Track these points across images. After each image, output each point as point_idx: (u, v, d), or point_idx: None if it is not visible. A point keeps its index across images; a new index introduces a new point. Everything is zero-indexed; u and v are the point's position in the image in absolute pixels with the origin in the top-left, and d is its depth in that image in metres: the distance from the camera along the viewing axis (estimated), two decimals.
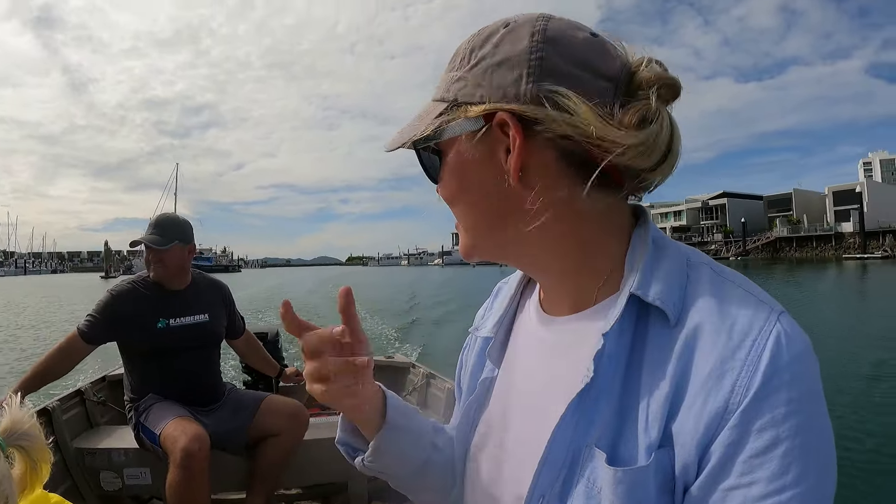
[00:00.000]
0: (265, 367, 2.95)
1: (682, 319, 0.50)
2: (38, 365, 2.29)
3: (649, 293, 0.52)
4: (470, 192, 0.58)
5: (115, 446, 2.44)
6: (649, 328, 0.52)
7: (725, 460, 0.45)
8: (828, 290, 21.78)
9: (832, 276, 29.05)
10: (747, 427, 0.45)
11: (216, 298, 2.63)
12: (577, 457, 0.52)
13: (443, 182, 0.60)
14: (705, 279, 0.53)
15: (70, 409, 2.65)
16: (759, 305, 0.50)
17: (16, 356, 10.14)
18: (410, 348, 9.72)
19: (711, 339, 0.48)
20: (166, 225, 2.48)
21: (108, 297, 2.40)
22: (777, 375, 0.45)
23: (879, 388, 6.39)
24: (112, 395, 2.97)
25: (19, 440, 0.75)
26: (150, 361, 2.40)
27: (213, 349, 2.60)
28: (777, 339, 0.47)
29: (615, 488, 0.48)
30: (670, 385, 0.49)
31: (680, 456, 0.47)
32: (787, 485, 0.44)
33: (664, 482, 0.48)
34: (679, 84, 0.53)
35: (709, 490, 0.46)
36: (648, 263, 0.54)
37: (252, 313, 16.30)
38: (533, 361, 0.63)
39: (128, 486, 2.41)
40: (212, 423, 2.32)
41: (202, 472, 2.05)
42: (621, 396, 0.51)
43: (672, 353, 0.50)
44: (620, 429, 0.51)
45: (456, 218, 0.62)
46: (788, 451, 0.44)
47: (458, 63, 0.57)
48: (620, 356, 0.52)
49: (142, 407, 2.32)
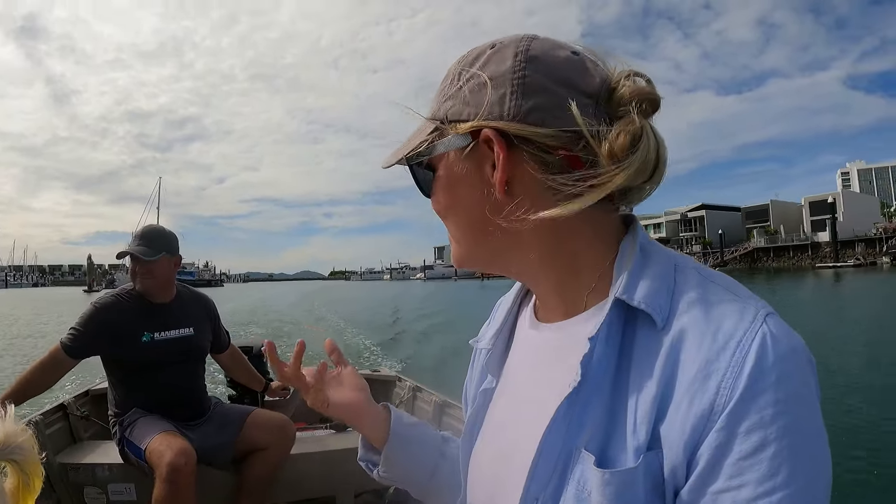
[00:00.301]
0: (251, 381, 2.92)
1: (670, 322, 0.51)
2: (20, 380, 2.23)
3: (635, 297, 0.52)
4: (459, 204, 0.61)
5: (100, 461, 2.40)
6: (637, 332, 0.53)
7: (714, 463, 0.46)
8: (803, 298, 22.40)
9: (807, 285, 29.74)
10: (734, 429, 0.45)
11: (201, 312, 2.61)
12: (568, 459, 0.53)
13: (435, 196, 0.63)
14: (693, 283, 0.53)
15: (53, 424, 2.60)
16: (746, 307, 0.50)
17: (19, 361, 10.48)
18: (395, 362, 9.66)
19: (697, 341, 0.49)
20: (153, 236, 2.46)
21: (92, 309, 2.36)
22: (763, 377, 0.45)
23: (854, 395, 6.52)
24: (96, 409, 2.92)
25: (13, 454, 0.75)
26: (135, 375, 2.37)
27: (199, 363, 2.57)
28: (762, 340, 0.47)
29: (604, 490, 0.49)
30: (658, 387, 0.49)
31: (668, 458, 0.48)
32: (777, 486, 0.44)
33: (654, 484, 0.48)
34: (658, 97, 0.55)
35: (698, 494, 0.46)
36: (635, 269, 0.55)
37: (236, 326, 16.14)
38: (528, 368, 0.65)
39: (112, 501, 2.36)
40: (197, 437, 2.30)
41: (188, 486, 2.02)
42: (610, 399, 0.52)
43: (659, 355, 0.50)
44: (610, 431, 0.51)
45: (448, 230, 0.65)
46: (777, 452, 0.44)
47: (447, 84, 0.61)
48: (609, 359, 0.53)
49: (126, 421, 2.29)
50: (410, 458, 0.82)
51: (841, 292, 26.22)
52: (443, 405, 2.75)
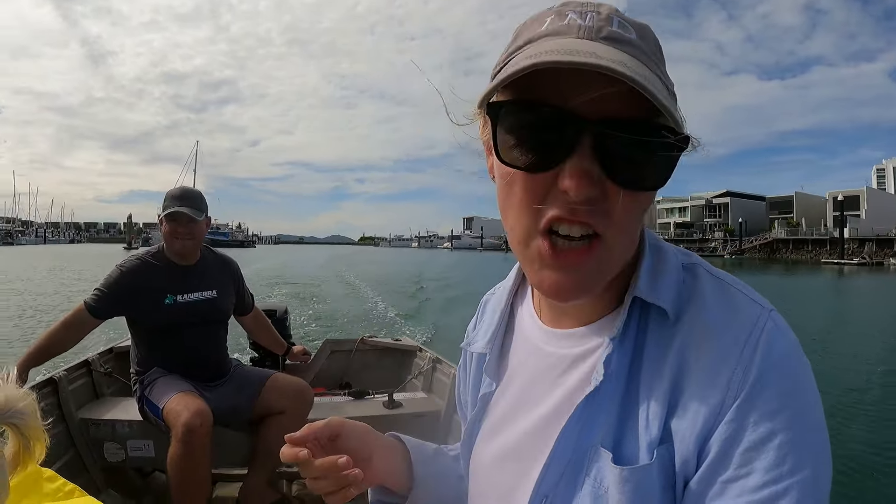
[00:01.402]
0: (273, 344, 2.94)
1: (680, 318, 0.52)
2: (43, 338, 2.26)
3: (650, 294, 0.54)
4: (650, 201, 0.53)
5: (120, 418, 2.45)
6: (649, 328, 0.54)
7: (723, 454, 0.47)
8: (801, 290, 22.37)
9: (802, 279, 29.48)
10: (743, 421, 0.46)
11: (225, 275, 2.62)
12: (583, 457, 0.53)
13: (649, 193, 0.51)
14: (700, 279, 0.55)
15: (76, 380, 2.65)
16: (752, 304, 0.52)
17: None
18: (418, 330, 9.74)
19: (707, 336, 0.50)
20: (196, 197, 2.47)
21: (117, 271, 2.38)
22: (770, 371, 0.47)
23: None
24: (119, 366, 2.98)
25: (12, 418, 0.73)
26: (157, 336, 2.39)
27: (220, 325, 2.59)
28: (769, 336, 0.49)
29: (622, 487, 0.49)
30: (669, 383, 0.50)
31: (680, 451, 0.49)
32: (784, 475, 0.45)
33: (667, 478, 0.49)
34: None
35: (708, 483, 0.47)
36: (648, 267, 0.55)
37: (265, 286, 16.52)
38: (538, 372, 0.62)
39: (131, 457, 2.42)
40: (215, 398, 2.31)
41: (203, 447, 2.04)
42: (623, 397, 0.53)
43: (670, 351, 0.51)
44: (623, 428, 0.52)
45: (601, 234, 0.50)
46: (784, 442, 0.45)
47: (652, 48, 0.51)
48: (624, 358, 0.54)
49: (146, 380, 2.32)
50: (435, 495, 0.75)
51: (839, 287, 26.07)
52: None
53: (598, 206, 0.48)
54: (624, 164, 0.47)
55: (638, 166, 0.47)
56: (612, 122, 0.46)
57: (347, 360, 3.42)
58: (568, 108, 0.46)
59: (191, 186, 2.65)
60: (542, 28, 0.50)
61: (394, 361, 3.42)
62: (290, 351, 2.98)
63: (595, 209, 0.48)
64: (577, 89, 0.46)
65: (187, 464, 2.01)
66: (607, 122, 0.46)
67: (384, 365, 3.43)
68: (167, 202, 2.42)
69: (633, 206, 0.49)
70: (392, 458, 0.73)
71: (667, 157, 0.48)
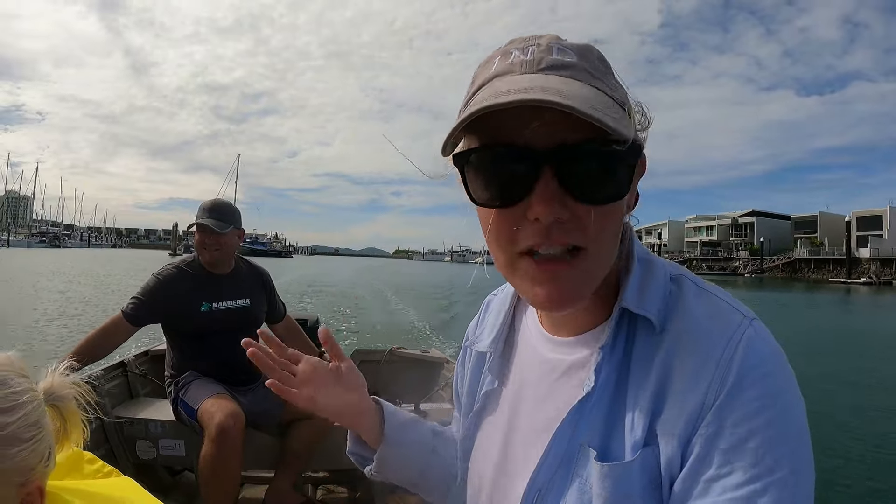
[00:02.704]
0: (305, 351, 2.98)
1: (665, 327, 0.55)
2: (81, 344, 2.34)
3: (637, 305, 0.56)
4: (623, 207, 0.56)
5: (153, 417, 2.55)
6: (637, 337, 0.57)
7: (705, 454, 0.49)
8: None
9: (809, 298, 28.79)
10: (723, 422, 0.49)
11: (257, 284, 2.70)
12: (573, 456, 0.57)
13: (614, 205, 0.53)
14: (686, 290, 0.58)
15: (113, 380, 2.78)
16: (733, 312, 0.54)
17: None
18: (447, 343, 9.74)
19: (690, 342, 0.53)
20: (224, 209, 2.55)
21: (154, 280, 2.48)
22: (749, 374, 0.49)
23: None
24: (153, 368, 3.09)
25: (55, 400, 0.80)
26: (192, 341, 2.48)
27: (253, 332, 2.64)
28: (749, 342, 0.51)
29: (602, 481, 0.53)
30: (654, 387, 0.53)
31: (664, 452, 0.51)
32: (763, 473, 0.46)
33: (650, 478, 0.52)
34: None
35: (692, 483, 0.49)
36: (636, 279, 0.58)
37: (296, 296, 16.78)
38: (538, 376, 0.66)
39: (162, 455, 2.51)
40: (248, 401, 2.39)
41: (235, 447, 2.12)
42: (612, 400, 0.56)
43: (656, 358, 0.54)
44: (611, 430, 0.55)
45: (582, 247, 0.53)
46: (762, 442, 0.47)
47: (595, 65, 0.54)
48: (613, 364, 0.57)
49: (182, 382, 2.41)
50: (403, 459, 0.81)
51: (833, 304, 26.47)
52: None
53: (570, 224, 0.51)
54: (584, 183, 0.50)
55: (598, 182, 0.50)
56: (566, 147, 0.49)
57: (376, 371, 3.47)
58: (523, 143, 0.50)
59: (223, 199, 2.70)
60: (491, 70, 0.54)
61: (422, 373, 3.46)
62: (322, 358, 3.03)
63: (569, 228, 0.51)
64: (528, 123, 0.49)
65: (219, 463, 2.08)
66: (562, 147, 0.49)
67: (412, 376, 3.46)
68: (199, 213, 2.51)
69: (605, 218, 0.52)
70: (367, 412, 0.80)
71: (623, 166, 0.51)
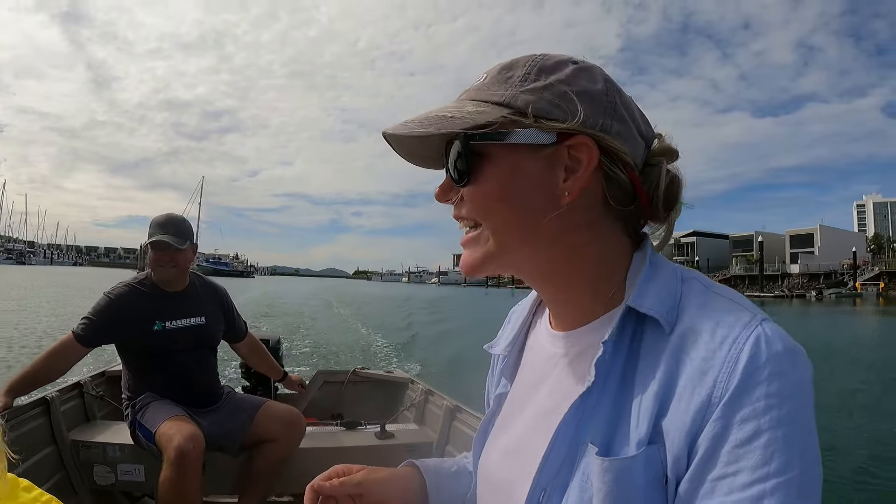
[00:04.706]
0: (269, 369, 2.95)
1: (675, 328, 0.55)
2: (29, 367, 2.24)
3: (644, 305, 0.56)
4: (515, 200, 0.59)
5: (111, 441, 2.43)
6: (645, 337, 0.57)
7: (711, 452, 0.48)
8: None
9: None
10: (729, 420, 0.48)
11: (213, 301, 2.63)
12: (576, 453, 0.56)
13: (479, 185, 0.60)
14: (696, 292, 0.58)
15: (68, 401, 2.64)
16: (743, 312, 0.54)
17: None
18: (408, 364, 9.68)
19: (698, 341, 0.53)
20: (180, 225, 2.48)
21: (105, 299, 2.38)
22: (756, 372, 0.49)
23: None
24: (110, 390, 2.96)
25: None
26: (147, 361, 2.40)
27: (210, 351, 2.59)
28: (757, 340, 0.50)
29: (603, 476, 0.52)
30: (660, 385, 0.53)
31: (670, 450, 0.51)
32: (771, 473, 0.46)
33: (655, 475, 0.51)
34: (678, 154, 0.64)
35: (698, 482, 0.49)
36: (644, 280, 0.59)
37: (257, 317, 16.41)
38: (542, 372, 0.68)
39: (121, 481, 2.39)
40: (208, 424, 2.31)
41: (195, 471, 2.04)
42: (616, 397, 0.56)
43: (663, 356, 0.54)
44: (615, 427, 0.55)
45: (481, 223, 0.62)
46: (770, 441, 0.46)
47: (518, 77, 0.59)
48: (618, 361, 0.57)
49: (138, 404, 2.32)
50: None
51: None
52: (454, 409, 2.72)
53: (459, 204, 0.63)
54: (454, 173, 0.61)
55: (458, 172, 0.61)
56: (448, 150, 0.62)
57: (340, 391, 3.42)
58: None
59: (175, 213, 2.62)
60: None
61: (386, 393, 3.42)
62: (286, 377, 2.98)
63: (459, 206, 0.64)
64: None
65: (178, 487, 1.99)
66: (448, 150, 0.62)
67: (376, 396, 3.43)
68: (151, 230, 2.43)
69: (473, 197, 0.61)
70: (410, 495, 0.78)
71: (461, 156, 0.60)
